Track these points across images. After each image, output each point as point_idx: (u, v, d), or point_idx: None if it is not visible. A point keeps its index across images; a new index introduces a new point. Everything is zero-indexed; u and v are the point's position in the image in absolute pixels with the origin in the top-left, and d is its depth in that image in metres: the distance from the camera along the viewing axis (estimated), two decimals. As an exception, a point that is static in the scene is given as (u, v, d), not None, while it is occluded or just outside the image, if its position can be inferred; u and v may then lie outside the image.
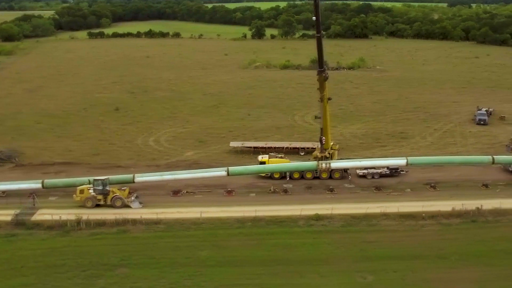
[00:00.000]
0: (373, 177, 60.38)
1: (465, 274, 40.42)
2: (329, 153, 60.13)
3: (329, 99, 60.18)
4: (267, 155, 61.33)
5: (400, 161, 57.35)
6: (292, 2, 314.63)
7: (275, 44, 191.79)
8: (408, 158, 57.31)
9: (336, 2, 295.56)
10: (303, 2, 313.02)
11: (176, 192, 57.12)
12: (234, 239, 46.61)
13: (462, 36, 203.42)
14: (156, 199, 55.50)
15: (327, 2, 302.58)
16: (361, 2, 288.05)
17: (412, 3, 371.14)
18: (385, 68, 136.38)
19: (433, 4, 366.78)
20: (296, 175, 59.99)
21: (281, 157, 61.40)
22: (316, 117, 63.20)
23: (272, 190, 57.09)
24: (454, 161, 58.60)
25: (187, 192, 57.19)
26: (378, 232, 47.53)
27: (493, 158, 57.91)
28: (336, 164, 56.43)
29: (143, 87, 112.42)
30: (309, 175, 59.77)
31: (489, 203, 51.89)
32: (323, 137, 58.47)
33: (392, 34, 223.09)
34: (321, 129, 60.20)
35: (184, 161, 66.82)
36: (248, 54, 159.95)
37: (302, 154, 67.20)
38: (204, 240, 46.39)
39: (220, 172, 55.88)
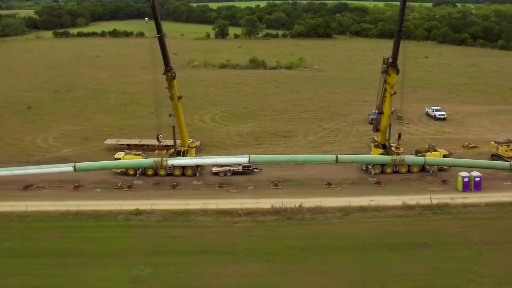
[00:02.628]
0: (225, 175, 61.54)
1: (242, 269, 41.39)
2: (180, 151, 61.68)
3: (179, 97, 61.46)
4: (123, 152, 62.99)
5: (242, 159, 58.22)
6: (272, 1, 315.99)
7: (234, 44, 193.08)
8: (251, 156, 58.25)
9: (314, 1, 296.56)
10: (283, 2, 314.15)
11: (27, 186, 58.81)
12: (48, 231, 48.02)
13: (424, 36, 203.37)
14: (5, 193, 56.72)
15: (305, 2, 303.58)
16: (338, 2, 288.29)
17: (397, 3, 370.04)
18: (323, 68, 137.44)
19: (417, 4, 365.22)
20: (150, 172, 61.27)
21: (138, 154, 63.12)
22: (170, 115, 64.54)
23: (118, 185, 59.00)
24: (297, 159, 59.30)
25: (37, 187, 58.99)
26: (189, 228, 48.69)
27: (336, 157, 58.95)
28: (173, 161, 57.56)
29: (70, 86, 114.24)
30: (162, 172, 61.05)
31: (312, 201, 52.66)
32: (160, 135, 60.00)
33: (358, 33, 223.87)
34: (173, 127, 61.63)
35: (57, 157, 68.14)
36: (198, 54, 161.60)
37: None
38: (18, 232, 47.81)
39: (67, 167, 57.24)
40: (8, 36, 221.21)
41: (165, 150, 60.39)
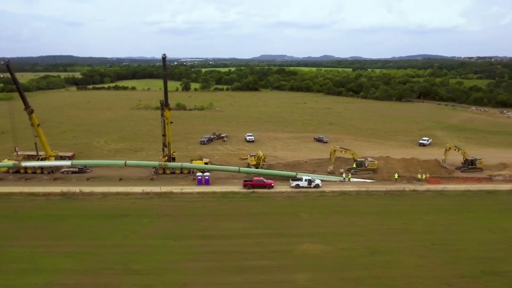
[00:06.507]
0: (67, 173, 67.14)
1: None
2: (41, 158, 68.01)
3: (38, 124, 67.77)
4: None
5: (66, 163, 64.76)
6: (239, 67, 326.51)
7: (189, 95, 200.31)
8: (72, 161, 64.60)
9: (266, 67, 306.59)
10: (249, 68, 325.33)
11: None
12: None
13: (319, 89, 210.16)
14: None
15: (258, 68, 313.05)
16: (278, 67, 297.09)
17: (332, 68, 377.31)
18: (223, 110, 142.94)
19: (340, 68, 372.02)
20: (21, 171, 66.93)
21: (16, 160, 69.48)
22: (35, 136, 70.82)
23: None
24: (101, 164, 65.37)
25: None
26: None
27: (125, 162, 64.05)
28: (26, 164, 64.35)
29: (45, 120, 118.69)
30: (29, 171, 66.99)
31: (90, 188, 58.50)
32: (17, 147, 66.92)
33: (278, 88, 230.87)
34: (35, 143, 68.04)
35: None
36: (155, 100, 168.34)
37: None
38: None
39: None
40: (50, 90, 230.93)
41: (21, 157, 67.34)
